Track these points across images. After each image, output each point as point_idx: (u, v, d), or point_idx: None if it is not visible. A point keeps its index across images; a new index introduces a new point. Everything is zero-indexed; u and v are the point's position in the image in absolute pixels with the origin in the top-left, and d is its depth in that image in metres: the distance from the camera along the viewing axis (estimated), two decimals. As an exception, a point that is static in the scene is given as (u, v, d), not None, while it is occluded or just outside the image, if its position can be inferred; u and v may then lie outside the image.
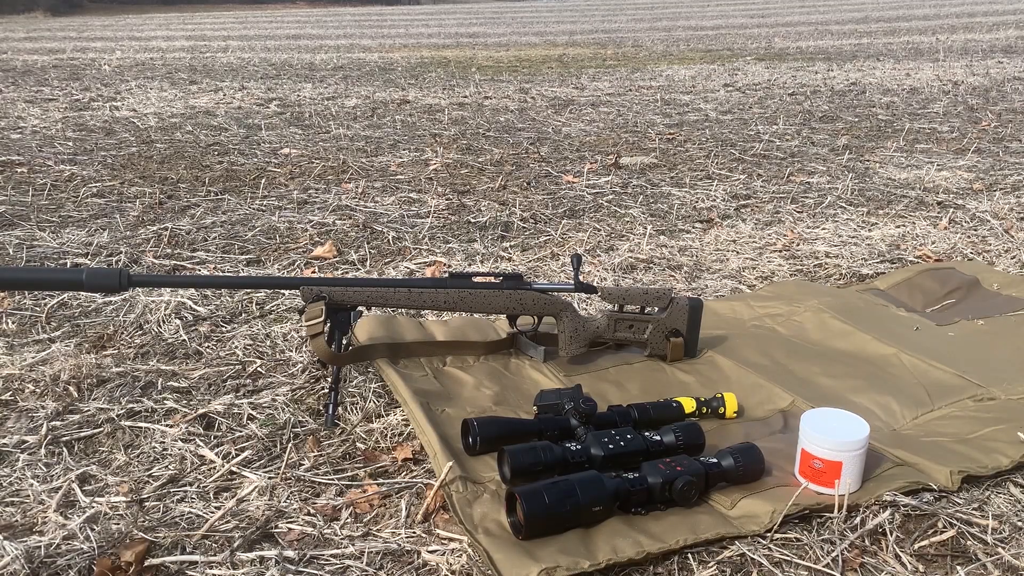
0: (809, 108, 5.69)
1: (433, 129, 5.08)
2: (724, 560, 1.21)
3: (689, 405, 1.58)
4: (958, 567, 1.20)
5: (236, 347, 1.98)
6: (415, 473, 1.45)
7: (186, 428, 1.60)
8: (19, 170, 3.93)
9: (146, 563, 1.21)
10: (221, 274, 2.54)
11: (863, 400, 1.67)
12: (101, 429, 1.61)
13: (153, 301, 2.23)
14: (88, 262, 2.63)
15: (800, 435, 1.36)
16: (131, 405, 1.69)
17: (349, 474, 1.45)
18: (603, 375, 1.80)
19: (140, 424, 1.62)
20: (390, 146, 4.55)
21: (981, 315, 2.10)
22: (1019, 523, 1.29)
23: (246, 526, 1.30)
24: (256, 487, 1.40)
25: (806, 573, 1.19)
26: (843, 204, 3.24)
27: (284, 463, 1.47)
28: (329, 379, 1.72)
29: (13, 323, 2.13)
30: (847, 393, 1.70)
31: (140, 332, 2.08)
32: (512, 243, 2.81)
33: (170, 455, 1.51)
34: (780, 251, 2.71)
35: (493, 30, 16.26)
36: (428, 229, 2.96)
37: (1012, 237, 2.79)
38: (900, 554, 1.22)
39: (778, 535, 1.26)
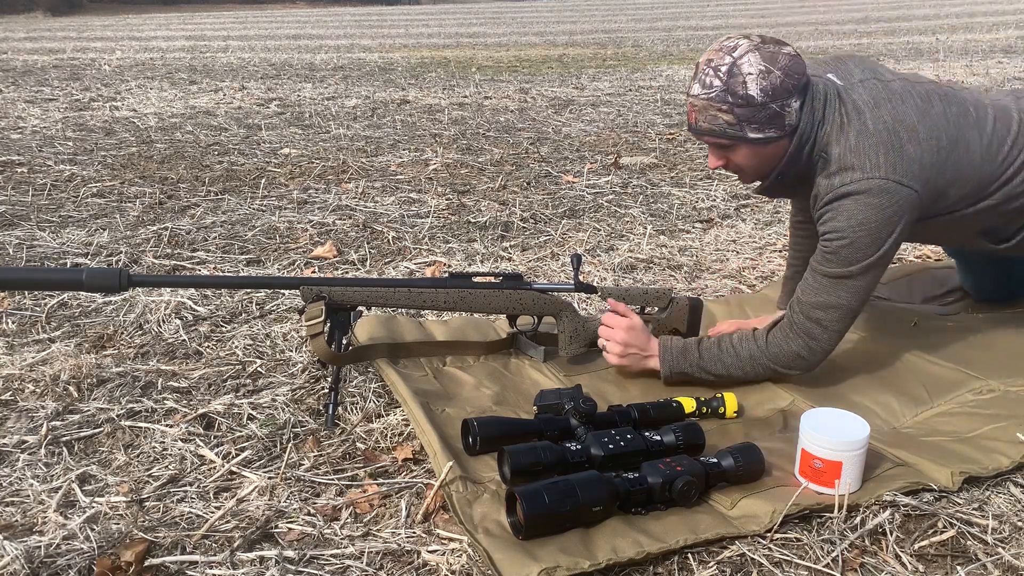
0: (809, 108, 5.68)
1: (433, 129, 5.08)
2: (724, 560, 1.21)
3: (689, 405, 1.58)
4: (958, 567, 1.20)
5: (236, 347, 1.98)
6: (415, 473, 1.45)
7: (186, 428, 1.60)
8: (19, 170, 3.93)
9: (146, 563, 1.21)
10: (221, 274, 2.54)
11: (863, 399, 1.67)
12: (101, 429, 1.61)
13: (153, 301, 2.23)
14: (88, 262, 2.63)
15: (800, 435, 1.36)
16: (131, 405, 1.69)
17: (349, 474, 1.45)
18: (603, 375, 1.80)
19: (140, 424, 1.62)
20: (390, 146, 4.55)
21: (979, 309, 2.11)
22: (1019, 523, 1.29)
23: (246, 526, 1.30)
24: (256, 487, 1.40)
25: (806, 573, 1.19)
26: (843, 204, 3.24)
27: (284, 463, 1.47)
28: (329, 379, 1.72)
29: (13, 323, 2.13)
30: (847, 392, 1.70)
31: (140, 332, 2.08)
32: (512, 243, 2.81)
33: (170, 455, 1.51)
34: (780, 251, 2.71)
35: (493, 30, 16.26)
36: (428, 229, 2.96)
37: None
38: (900, 554, 1.22)
39: (778, 535, 1.26)
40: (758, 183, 1.68)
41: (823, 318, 1.59)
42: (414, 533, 1.28)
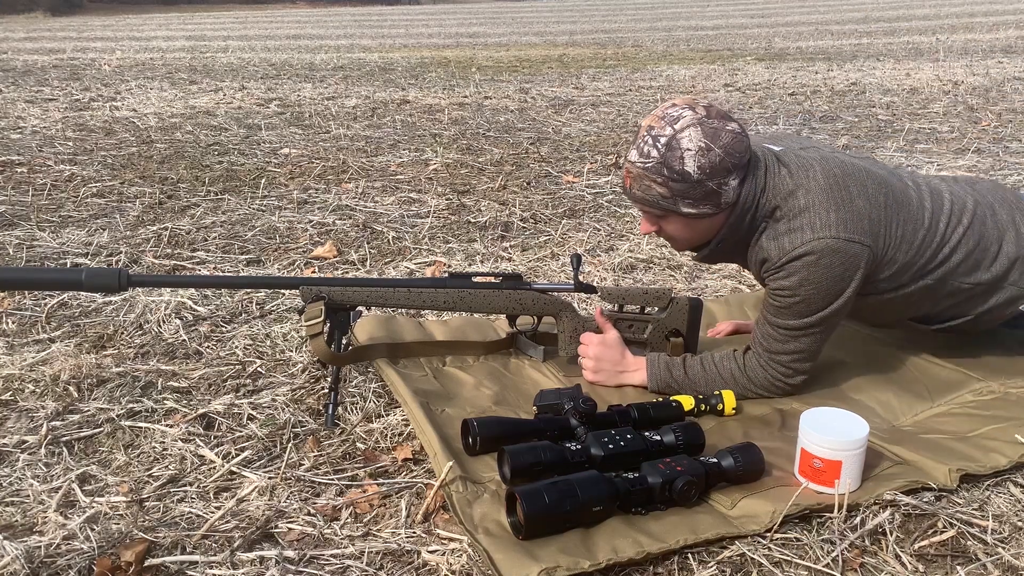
0: (809, 108, 5.69)
1: (433, 129, 5.08)
2: (724, 560, 1.21)
3: (688, 403, 1.58)
4: (958, 567, 1.20)
5: (236, 347, 1.98)
6: (415, 473, 1.45)
7: (186, 428, 1.60)
8: (19, 170, 3.93)
9: (146, 563, 1.21)
10: (221, 274, 2.54)
11: (863, 397, 1.67)
12: (101, 429, 1.61)
13: (153, 301, 2.23)
14: (88, 262, 2.63)
15: (800, 434, 1.37)
16: (131, 405, 1.69)
17: (349, 474, 1.45)
18: (603, 375, 1.80)
19: (140, 424, 1.62)
20: (390, 146, 4.55)
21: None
22: (1019, 523, 1.29)
23: (246, 526, 1.30)
24: (256, 487, 1.40)
25: (806, 573, 1.19)
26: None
27: (284, 463, 1.47)
28: (329, 379, 1.72)
29: (13, 323, 2.13)
30: (847, 391, 1.70)
31: (140, 332, 2.08)
32: (512, 243, 2.81)
33: (170, 455, 1.51)
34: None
35: (493, 30, 16.27)
36: (428, 229, 2.96)
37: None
38: (900, 554, 1.22)
39: (778, 535, 1.26)
40: (696, 252, 1.67)
41: (786, 361, 1.59)
42: (414, 533, 1.28)
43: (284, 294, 2.29)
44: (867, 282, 1.56)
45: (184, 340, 2.02)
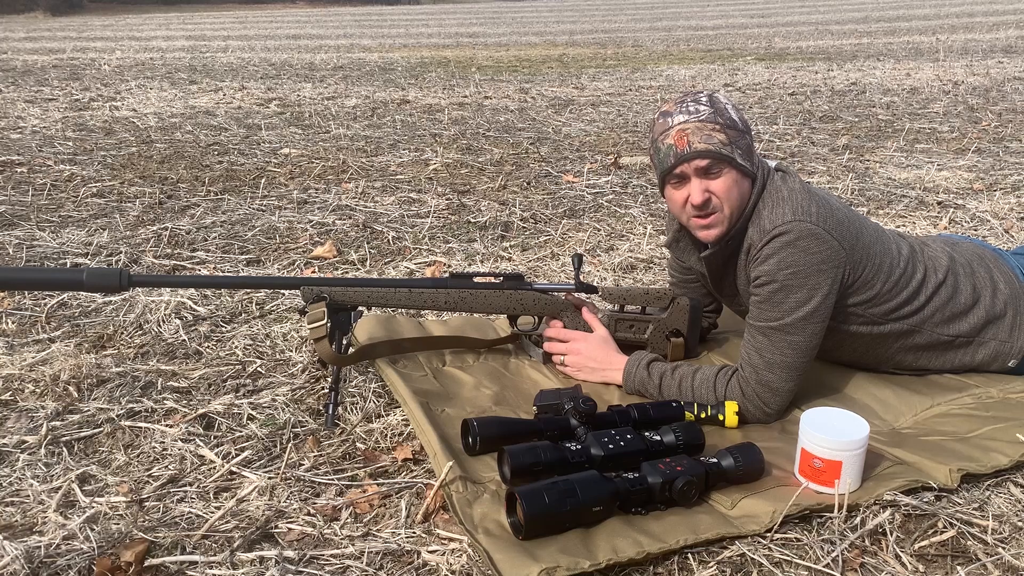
0: (809, 108, 5.69)
1: (433, 129, 5.08)
2: (724, 560, 1.21)
3: (687, 417, 1.55)
4: (958, 567, 1.20)
5: (236, 347, 1.98)
6: (415, 473, 1.45)
7: (186, 428, 1.60)
8: (19, 170, 3.93)
9: (146, 563, 1.21)
10: (221, 274, 2.54)
11: (863, 397, 1.67)
12: (101, 429, 1.61)
13: (153, 301, 2.23)
14: (88, 262, 2.63)
15: (800, 434, 1.36)
16: (131, 405, 1.69)
17: (349, 474, 1.45)
18: (603, 375, 1.80)
19: (140, 424, 1.62)
20: (390, 146, 4.55)
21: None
22: (1019, 523, 1.29)
23: (246, 526, 1.30)
24: (256, 487, 1.40)
25: (806, 573, 1.19)
26: (843, 204, 3.24)
27: (284, 463, 1.47)
28: (329, 379, 1.72)
29: (13, 323, 2.13)
30: (846, 390, 1.70)
31: (140, 332, 2.08)
32: (512, 243, 2.81)
33: (170, 455, 1.51)
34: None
35: (493, 30, 16.27)
36: (428, 229, 2.96)
37: (1012, 237, 2.79)
38: (900, 554, 1.22)
39: (778, 535, 1.26)
40: (707, 250, 1.67)
41: (771, 380, 1.55)
42: (414, 533, 1.28)
43: (284, 294, 2.29)
44: (845, 299, 1.58)
45: (184, 340, 2.02)
